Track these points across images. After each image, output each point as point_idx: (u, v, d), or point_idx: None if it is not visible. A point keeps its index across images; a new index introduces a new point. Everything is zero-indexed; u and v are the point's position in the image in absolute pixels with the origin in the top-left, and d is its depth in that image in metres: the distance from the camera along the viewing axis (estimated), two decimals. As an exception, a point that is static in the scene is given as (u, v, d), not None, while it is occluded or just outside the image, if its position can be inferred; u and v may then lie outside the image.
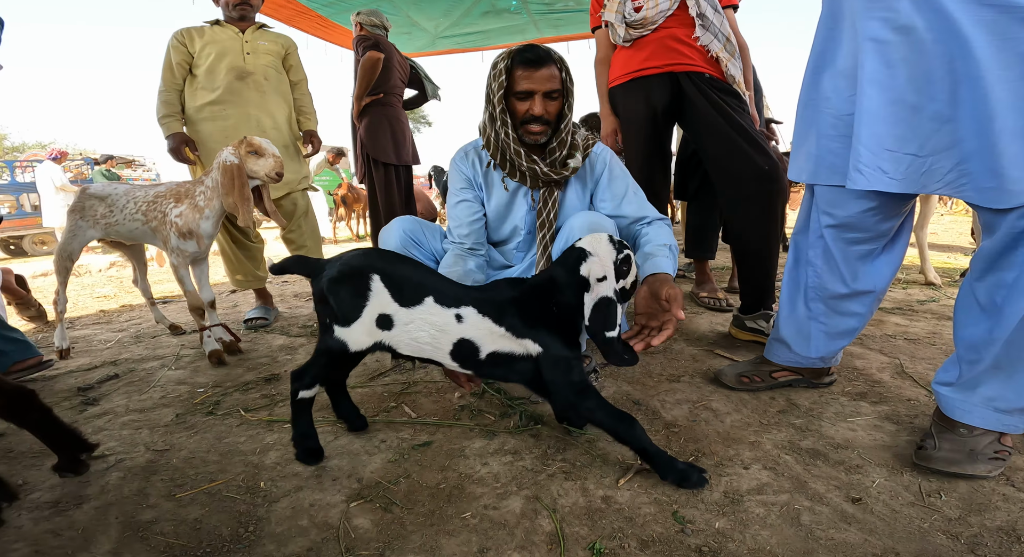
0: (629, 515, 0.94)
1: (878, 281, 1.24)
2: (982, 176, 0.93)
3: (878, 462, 1.08)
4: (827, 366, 1.40)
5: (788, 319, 1.37)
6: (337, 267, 1.07)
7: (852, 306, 1.28)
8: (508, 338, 1.06)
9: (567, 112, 1.40)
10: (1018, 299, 0.93)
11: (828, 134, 1.16)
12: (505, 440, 1.21)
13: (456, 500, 1.00)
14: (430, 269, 1.15)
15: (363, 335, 1.07)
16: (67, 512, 1.02)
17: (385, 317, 1.07)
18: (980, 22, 0.89)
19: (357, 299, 1.06)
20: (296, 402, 1.12)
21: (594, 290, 1.04)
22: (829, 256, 1.25)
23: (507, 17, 4.47)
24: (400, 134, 2.99)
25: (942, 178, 0.99)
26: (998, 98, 0.89)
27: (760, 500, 0.97)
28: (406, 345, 1.09)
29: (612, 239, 1.09)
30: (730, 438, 1.19)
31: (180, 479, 1.12)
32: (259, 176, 1.80)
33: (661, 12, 1.77)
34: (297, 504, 1.01)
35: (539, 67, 1.34)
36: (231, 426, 1.35)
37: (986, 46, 0.89)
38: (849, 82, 1.10)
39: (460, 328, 1.07)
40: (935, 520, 0.91)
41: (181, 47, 2.20)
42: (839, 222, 1.21)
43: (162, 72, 2.21)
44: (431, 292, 1.07)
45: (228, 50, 2.21)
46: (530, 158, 1.40)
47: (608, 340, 1.03)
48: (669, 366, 1.64)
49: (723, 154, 1.73)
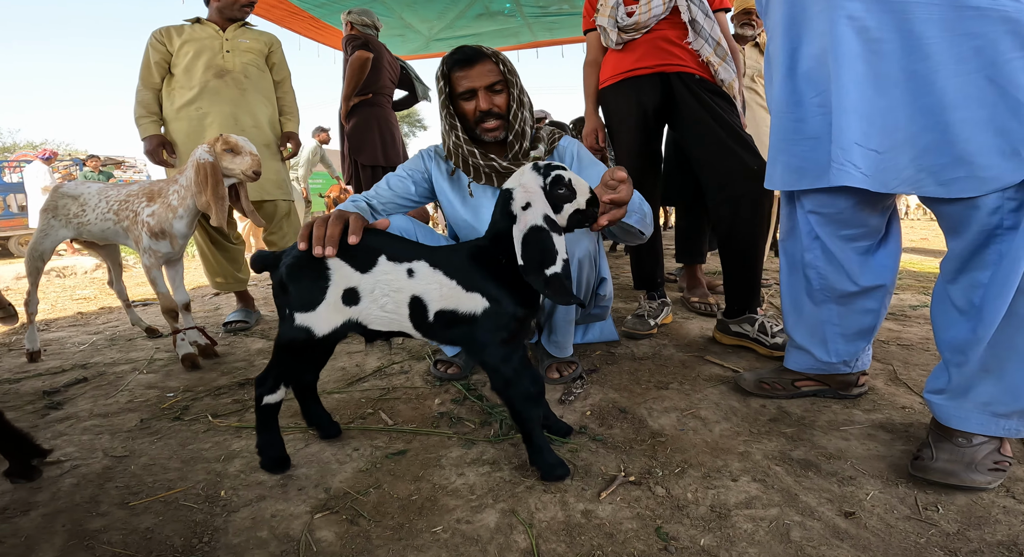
0: (610, 531, 0.88)
1: (884, 275, 1.21)
2: (946, 169, 0.93)
3: (872, 473, 1.03)
4: (853, 372, 1.34)
5: (797, 325, 1.34)
6: (294, 253, 1.02)
7: (865, 303, 1.24)
8: (458, 291, 1.00)
9: (515, 103, 1.40)
10: (995, 297, 0.92)
11: (797, 139, 1.15)
12: (484, 449, 1.16)
13: (428, 513, 0.94)
14: (385, 234, 1.09)
15: (331, 315, 1.01)
16: (12, 519, 0.96)
17: (350, 291, 1.00)
18: (930, 20, 0.91)
19: (318, 281, 1.00)
20: (261, 408, 1.06)
21: (520, 221, 0.95)
22: (830, 256, 1.22)
23: (501, 20, 4.45)
24: (388, 135, 2.95)
25: (899, 175, 0.99)
26: (956, 90, 0.90)
27: (748, 515, 0.92)
28: (376, 318, 1.03)
29: (536, 166, 1.00)
30: (718, 448, 1.14)
31: (136, 487, 1.05)
32: (235, 174, 1.74)
33: (654, 16, 1.77)
34: (258, 514, 0.95)
35: (472, 65, 1.36)
36: (197, 432, 1.29)
37: (939, 42, 0.91)
38: (813, 85, 1.10)
39: (412, 284, 1.00)
40: (932, 535, 0.86)
41: (160, 46, 2.15)
42: (832, 220, 1.18)
43: (140, 71, 2.16)
44: (383, 251, 1.01)
45: (206, 48, 2.16)
46: (485, 156, 1.40)
47: (549, 279, 0.92)
48: (658, 372, 1.59)
49: (713, 154, 1.70)
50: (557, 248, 0.94)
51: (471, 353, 1.08)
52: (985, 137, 0.89)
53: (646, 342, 1.89)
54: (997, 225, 0.91)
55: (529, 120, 1.43)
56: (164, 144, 2.14)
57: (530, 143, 1.42)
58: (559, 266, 0.93)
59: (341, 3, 3.81)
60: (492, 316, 0.99)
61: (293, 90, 2.43)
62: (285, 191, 2.34)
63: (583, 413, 1.33)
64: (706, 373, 1.58)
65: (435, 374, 1.59)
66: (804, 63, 1.12)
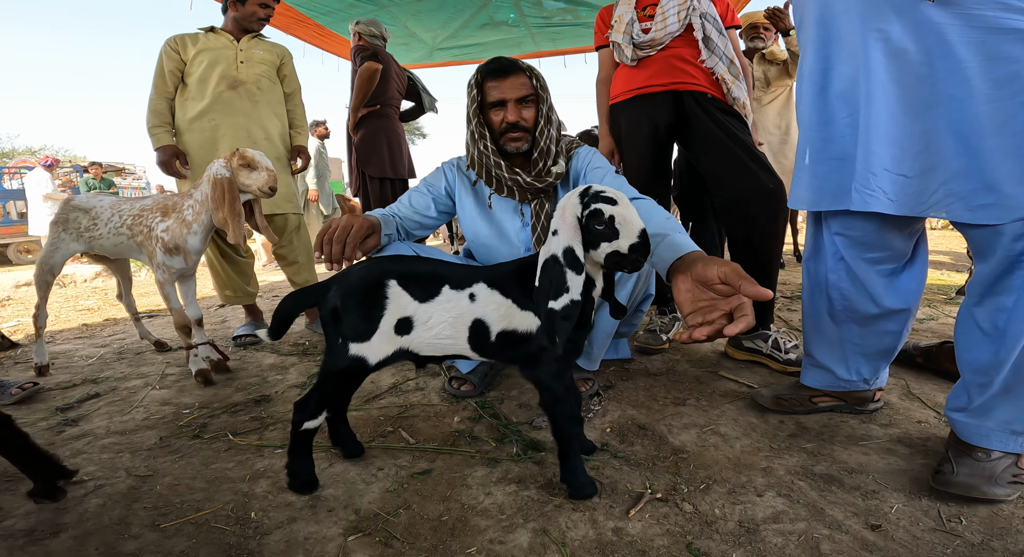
0: (642, 548, 0.89)
1: (909, 298, 1.21)
2: (974, 194, 0.93)
3: (894, 487, 1.05)
4: (871, 389, 1.35)
5: (818, 344, 1.34)
6: (352, 281, 1.01)
7: (887, 325, 1.24)
8: (514, 310, 1.00)
9: (543, 119, 1.40)
10: (1020, 321, 0.93)
11: (824, 158, 1.15)
12: (508, 468, 1.16)
13: (460, 533, 0.94)
14: (439, 259, 1.10)
15: (383, 345, 1.01)
16: (43, 541, 0.96)
17: (404, 321, 1.01)
18: (970, 43, 0.90)
19: (375, 310, 1.00)
20: (300, 433, 1.05)
21: (547, 245, 0.91)
22: (854, 278, 1.22)
23: (505, 30, 4.48)
24: (396, 147, 2.96)
25: (927, 199, 0.99)
26: (990, 116, 0.89)
27: (777, 529, 0.93)
28: (428, 345, 1.03)
29: (586, 191, 0.91)
30: (741, 464, 1.15)
31: (164, 507, 1.05)
32: (251, 190, 1.74)
33: (669, 33, 1.78)
34: (291, 537, 0.95)
35: (507, 76, 1.37)
36: (218, 451, 1.29)
37: (977, 65, 0.90)
38: (844, 105, 1.09)
39: (473, 308, 1.01)
40: (958, 545, 0.87)
41: (174, 54, 2.15)
42: (857, 243, 1.19)
43: (153, 80, 2.15)
44: (446, 280, 1.02)
45: (221, 58, 2.17)
46: (511, 169, 1.41)
47: (549, 313, 0.87)
48: (673, 388, 1.61)
49: (728, 173, 1.72)
50: (568, 285, 0.86)
51: (525, 370, 1.05)
52: (1013, 165, 0.89)
53: (659, 357, 1.90)
54: (1021, 252, 0.92)
55: (555, 137, 1.43)
56: (178, 155, 2.13)
57: (553, 159, 1.43)
58: (560, 304, 0.86)
59: (347, 12, 3.84)
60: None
61: (303, 103, 2.44)
62: (295, 205, 2.34)
63: (603, 430, 1.33)
64: (722, 389, 1.59)
65: (450, 391, 1.60)
66: (837, 82, 1.11)
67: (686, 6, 1.76)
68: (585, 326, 1.01)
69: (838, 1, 1.08)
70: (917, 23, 0.96)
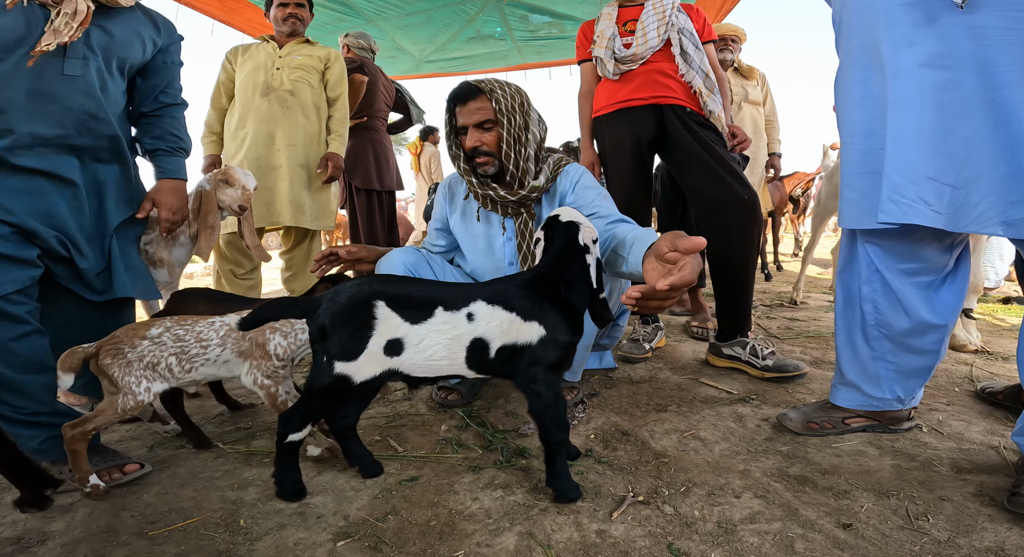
0: (625, 549, 0.92)
1: (945, 314, 1.15)
2: (1015, 207, 0.88)
3: (864, 487, 1.10)
4: (905, 408, 1.30)
5: (851, 361, 1.30)
6: (341, 300, 1.03)
7: (921, 343, 1.19)
8: (517, 323, 1.05)
9: (507, 143, 1.38)
10: None
11: (864, 173, 1.11)
12: (495, 474, 1.19)
13: (448, 538, 0.97)
14: (432, 281, 1.14)
15: (370, 365, 1.04)
16: (31, 549, 0.96)
17: (394, 342, 1.03)
18: (1011, 45, 0.86)
19: (363, 330, 1.02)
20: (284, 444, 1.07)
21: (592, 252, 1.11)
22: (888, 290, 1.17)
23: (492, 43, 4.56)
24: (383, 159, 2.99)
25: (970, 213, 0.94)
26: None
27: (754, 529, 0.97)
28: (420, 367, 1.06)
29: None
30: (720, 467, 1.19)
31: (153, 515, 1.06)
32: (224, 206, 1.75)
33: (650, 48, 1.84)
34: (281, 543, 0.96)
35: (466, 101, 1.38)
36: (206, 460, 1.29)
37: (1018, 68, 0.86)
38: (880, 114, 1.05)
39: (472, 327, 1.05)
40: (925, 543, 0.92)
41: (228, 66, 2.23)
42: (892, 252, 1.15)
43: (212, 92, 2.25)
44: (439, 302, 1.05)
45: (259, 66, 2.21)
46: (484, 184, 1.44)
47: (604, 300, 1.11)
48: (656, 395, 1.65)
49: (706, 184, 1.78)
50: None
51: (518, 378, 1.09)
52: None
53: (642, 366, 1.95)
54: None
55: (532, 155, 1.42)
56: (215, 164, 2.19)
57: (532, 176, 1.43)
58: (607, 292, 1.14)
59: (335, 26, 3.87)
60: (547, 343, 1.05)
61: (345, 107, 2.40)
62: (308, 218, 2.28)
63: (587, 436, 1.37)
64: (702, 395, 1.64)
65: (437, 400, 1.62)
66: (876, 94, 1.07)
67: (665, 21, 1.83)
68: (580, 332, 1.10)
69: (872, 9, 1.05)
70: (950, 27, 0.92)
